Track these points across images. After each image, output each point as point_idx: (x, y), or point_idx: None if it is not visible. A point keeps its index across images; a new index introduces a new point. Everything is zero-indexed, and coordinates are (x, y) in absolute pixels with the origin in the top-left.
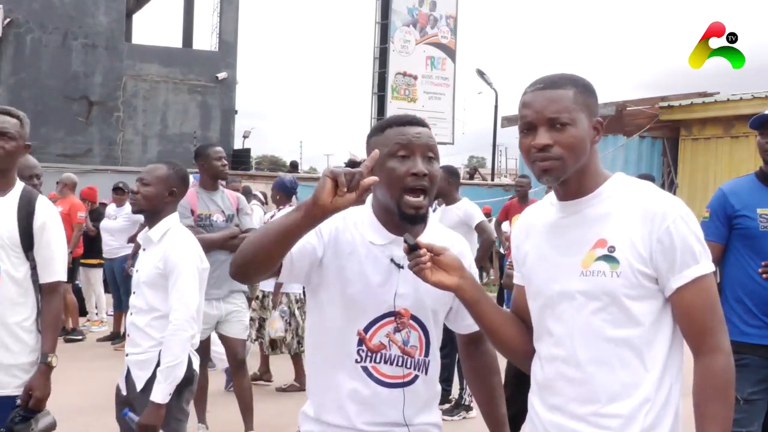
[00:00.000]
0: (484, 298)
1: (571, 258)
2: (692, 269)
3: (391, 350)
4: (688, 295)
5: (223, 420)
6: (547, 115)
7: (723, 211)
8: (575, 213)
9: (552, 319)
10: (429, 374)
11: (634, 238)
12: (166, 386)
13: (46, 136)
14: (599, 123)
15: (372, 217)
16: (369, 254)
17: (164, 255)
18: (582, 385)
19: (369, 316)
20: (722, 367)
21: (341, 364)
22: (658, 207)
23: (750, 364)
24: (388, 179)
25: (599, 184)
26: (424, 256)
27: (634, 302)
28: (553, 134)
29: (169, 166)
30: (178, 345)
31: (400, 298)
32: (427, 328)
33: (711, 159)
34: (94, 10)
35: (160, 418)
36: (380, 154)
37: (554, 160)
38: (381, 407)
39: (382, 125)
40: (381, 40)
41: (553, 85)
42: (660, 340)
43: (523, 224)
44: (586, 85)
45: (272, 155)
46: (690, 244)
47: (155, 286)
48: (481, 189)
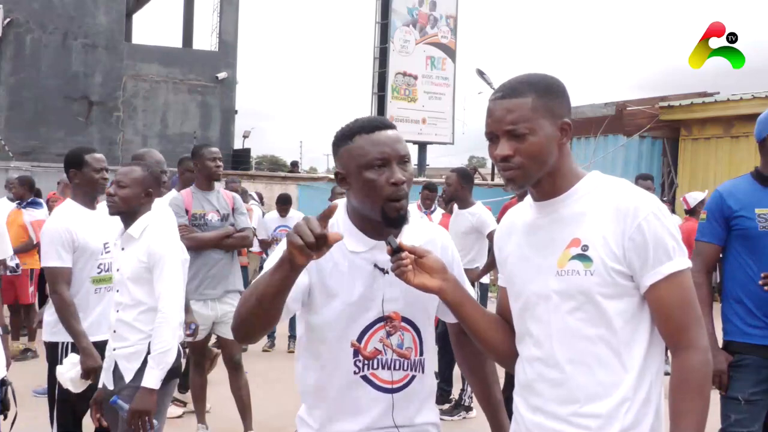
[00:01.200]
0: (468, 300)
1: (547, 258)
2: (665, 265)
3: (387, 354)
4: (662, 291)
5: (222, 420)
6: (504, 126)
7: (720, 212)
8: (550, 213)
9: (531, 320)
10: (426, 372)
11: (607, 236)
12: (158, 372)
13: (46, 136)
14: (566, 124)
15: (350, 225)
16: (351, 265)
17: (147, 248)
18: (561, 385)
19: (360, 325)
20: (698, 363)
21: (340, 378)
22: (630, 204)
23: (751, 364)
24: (367, 190)
25: (573, 184)
26: (406, 260)
27: (609, 300)
28: (512, 144)
29: (144, 168)
30: (168, 332)
31: (388, 303)
32: (419, 327)
33: (711, 159)
34: (94, 10)
35: (152, 403)
36: (354, 164)
37: (515, 169)
38: (382, 412)
39: (350, 132)
40: (381, 40)
41: (511, 93)
42: (638, 339)
43: (505, 225)
44: (549, 87)
45: (272, 155)
46: (663, 241)
47: (140, 280)
48: (481, 189)
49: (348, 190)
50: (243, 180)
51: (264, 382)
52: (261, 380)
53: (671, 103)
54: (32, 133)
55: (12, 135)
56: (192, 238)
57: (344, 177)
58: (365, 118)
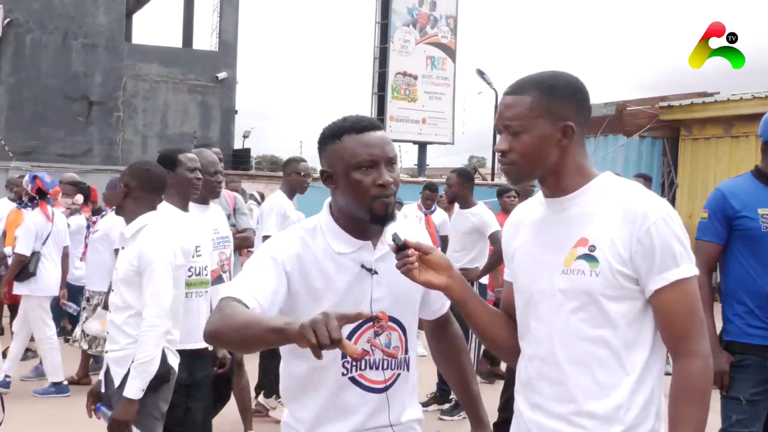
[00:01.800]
0: (474, 297)
1: (554, 256)
2: (672, 272)
3: (375, 355)
4: (667, 297)
5: (222, 420)
6: (502, 122)
7: (723, 212)
8: (560, 211)
9: (533, 317)
10: (410, 370)
11: (614, 238)
12: (139, 382)
13: (46, 136)
14: (569, 127)
15: (334, 226)
16: (338, 266)
17: (138, 252)
18: (560, 384)
19: (348, 327)
20: (699, 370)
21: (327, 381)
22: (640, 207)
23: (752, 365)
24: (354, 191)
25: (583, 183)
26: (412, 256)
27: (612, 302)
28: (509, 140)
29: (128, 166)
30: (151, 341)
31: (376, 303)
32: (404, 325)
33: (711, 159)
34: (94, 10)
35: (131, 414)
36: (342, 165)
37: (509, 165)
38: (369, 412)
39: (338, 130)
40: (381, 40)
41: (515, 90)
42: (640, 342)
43: (513, 221)
44: (552, 88)
45: (272, 155)
46: (671, 246)
47: (130, 283)
48: (482, 189)
49: (334, 189)
50: (243, 180)
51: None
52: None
53: (671, 103)
54: (32, 133)
55: (12, 135)
56: None
57: (330, 176)
58: (354, 117)
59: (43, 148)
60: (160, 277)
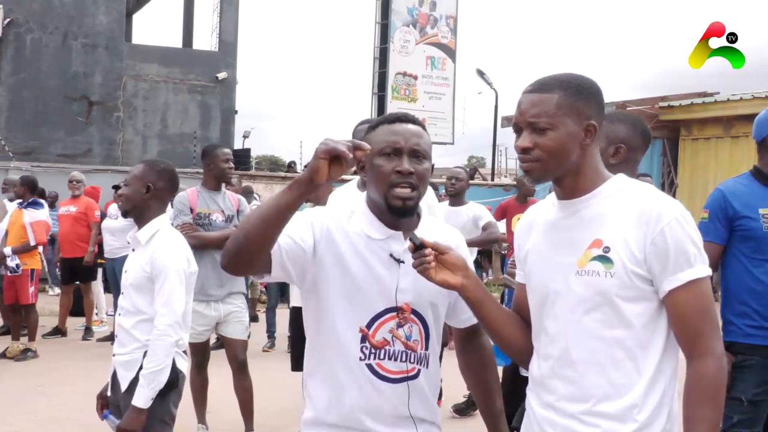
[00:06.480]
0: (488, 297)
1: (568, 257)
2: (686, 272)
3: (395, 346)
4: (681, 298)
5: (223, 420)
6: (527, 119)
7: (723, 212)
8: (573, 213)
9: (548, 317)
10: (430, 368)
11: (629, 239)
12: (148, 391)
13: (46, 136)
14: (592, 126)
15: (368, 212)
16: (367, 247)
17: (151, 258)
18: (574, 383)
19: (371, 312)
20: (713, 371)
21: (344, 364)
22: (654, 208)
23: (754, 365)
24: (375, 176)
25: (597, 185)
26: (429, 256)
27: (627, 303)
28: (533, 137)
29: (147, 164)
30: (162, 350)
31: (401, 293)
32: (426, 321)
33: (711, 159)
34: (94, 10)
35: (140, 423)
36: (371, 151)
37: (533, 162)
38: (387, 404)
39: (377, 122)
40: (381, 40)
41: (540, 88)
42: (654, 342)
43: (525, 222)
44: (579, 88)
45: (272, 155)
46: (684, 247)
47: (142, 289)
48: (481, 189)
49: (365, 177)
50: (243, 180)
51: (264, 382)
52: (261, 380)
53: (671, 103)
54: (32, 133)
55: (12, 135)
56: (195, 236)
57: (364, 165)
58: (394, 112)
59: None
60: (173, 285)
